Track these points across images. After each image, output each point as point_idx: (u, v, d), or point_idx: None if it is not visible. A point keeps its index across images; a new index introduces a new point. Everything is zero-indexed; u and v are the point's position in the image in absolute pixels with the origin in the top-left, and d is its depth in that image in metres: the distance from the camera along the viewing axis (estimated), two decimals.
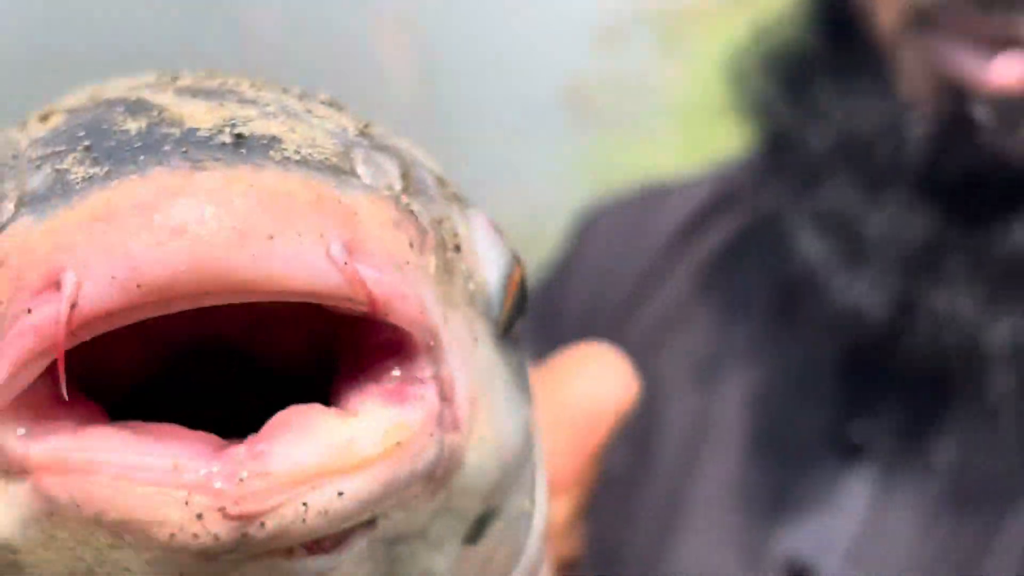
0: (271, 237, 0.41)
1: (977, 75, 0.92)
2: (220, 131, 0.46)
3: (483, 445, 0.48)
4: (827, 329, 1.12)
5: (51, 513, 0.44)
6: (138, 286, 0.40)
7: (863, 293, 1.00)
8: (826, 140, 1.00)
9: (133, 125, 0.46)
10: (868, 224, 0.99)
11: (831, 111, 1.00)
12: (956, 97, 0.94)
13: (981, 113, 0.92)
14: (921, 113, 0.96)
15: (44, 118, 0.51)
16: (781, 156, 1.04)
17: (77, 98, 0.53)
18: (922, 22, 0.94)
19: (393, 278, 0.44)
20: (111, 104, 0.49)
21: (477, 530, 0.50)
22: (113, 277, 0.40)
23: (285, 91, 0.52)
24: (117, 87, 0.53)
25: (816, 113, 1.01)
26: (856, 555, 1.19)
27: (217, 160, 0.43)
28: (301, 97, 0.52)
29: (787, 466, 1.24)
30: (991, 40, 0.91)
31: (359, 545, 0.45)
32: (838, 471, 1.23)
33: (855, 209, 0.99)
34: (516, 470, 0.50)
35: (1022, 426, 1.10)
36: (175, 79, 0.53)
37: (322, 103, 0.52)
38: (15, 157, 0.48)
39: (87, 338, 0.42)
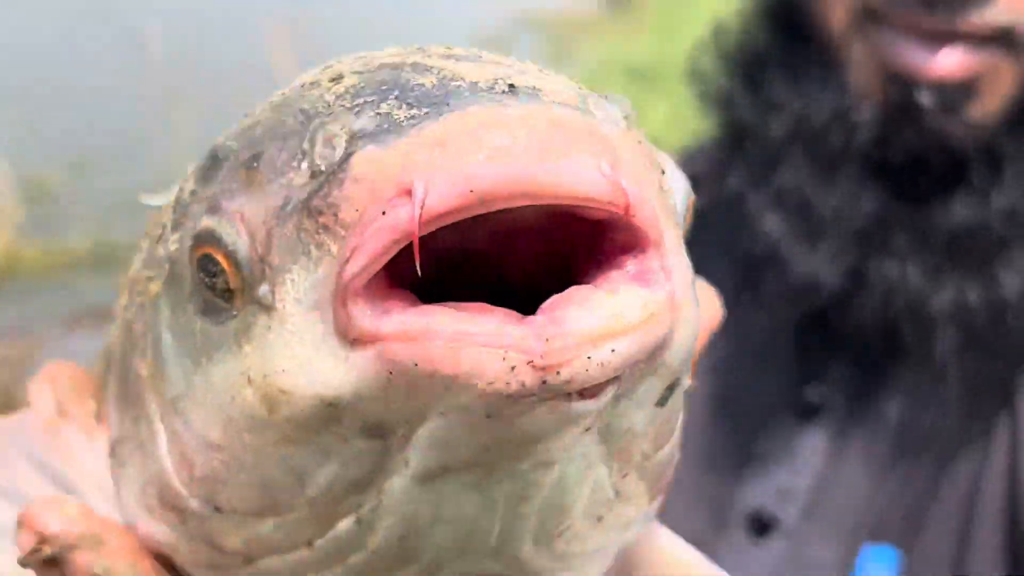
0: (562, 157, 0.57)
1: (921, 66, 1.03)
2: (495, 83, 0.61)
3: (685, 326, 0.62)
4: (785, 299, 1.21)
5: (391, 373, 0.58)
6: (471, 191, 0.56)
7: (819, 264, 1.11)
8: (783, 128, 1.09)
9: (426, 80, 0.61)
10: (823, 203, 1.09)
11: (787, 102, 1.09)
12: (902, 86, 1.05)
13: (925, 99, 1.03)
14: (870, 101, 1.06)
15: (335, 79, 0.66)
16: (741, 143, 1.13)
17: (352, 65, 0.68)
18: (870, 19, 1.05)
19: (640, 189, 0.59)
20: (395, 67, 0.64)
21: (665, 396, 0.64)
22: (453, 185, 0.56)
23: (509, 59, 0.68)
24: (385, 56, 0.68)
25: (773, 104, 1.10)
26: (814, 506, 1.27)
27: (506, 103, 0.59)
28: (521, 63, 0.67)
29: (749, 427, 1.33)
30: (934, 34, 1.02)
31: (608, 395, 0.58)
32: (796, 430, 1.33)
33: (811, 189, 1.08)
34: (693, 351, 0.65)
35: (964, 383, 1.18)
36: (425, 50, 0.67)
37: (536, 68, 0.67)
38: (328, 107, 0.63)
39: (426, 232, 0.56)
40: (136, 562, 0.69)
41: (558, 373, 0.56)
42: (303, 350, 0.60)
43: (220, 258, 0.63)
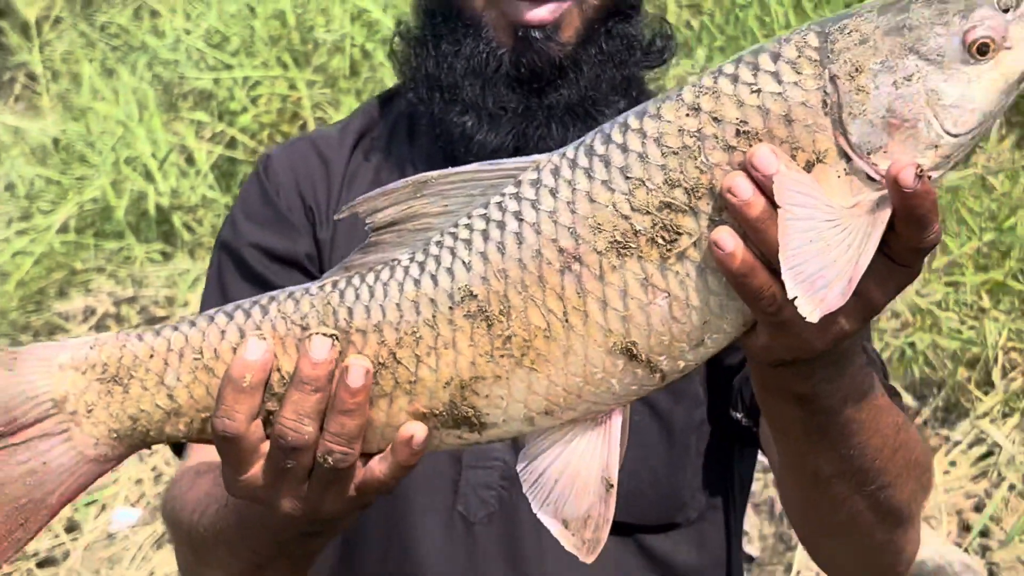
0: None
1: (532, 17, 1.61)
2: None
3: None
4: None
5: None
6: None
7: (502, 138, 1.64)
8: (459, 69, 1.66)
9: None
10: (492, 104, 1.65)
11: (455, 53, 1.65)
12: (521, 31, 1.62)
13: (537, 35, 1.62)
14: (504, 45, 1.63)
15: None
16: (427, 85, 1.70)
17: None
18: None
19: None
20: None
21: None
22: None
23: None
24: None
25: (447, 56, 1.66)
26: None
27: None
28: None
29: None
30: None
31: None
32: None
33: (483, 99, 1.65)
34: None
35: None
36: None
37: None
38: None
39: None
40: None
41: None
42: None
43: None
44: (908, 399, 4.22)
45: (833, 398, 1.21)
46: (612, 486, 1.15)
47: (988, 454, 4.16)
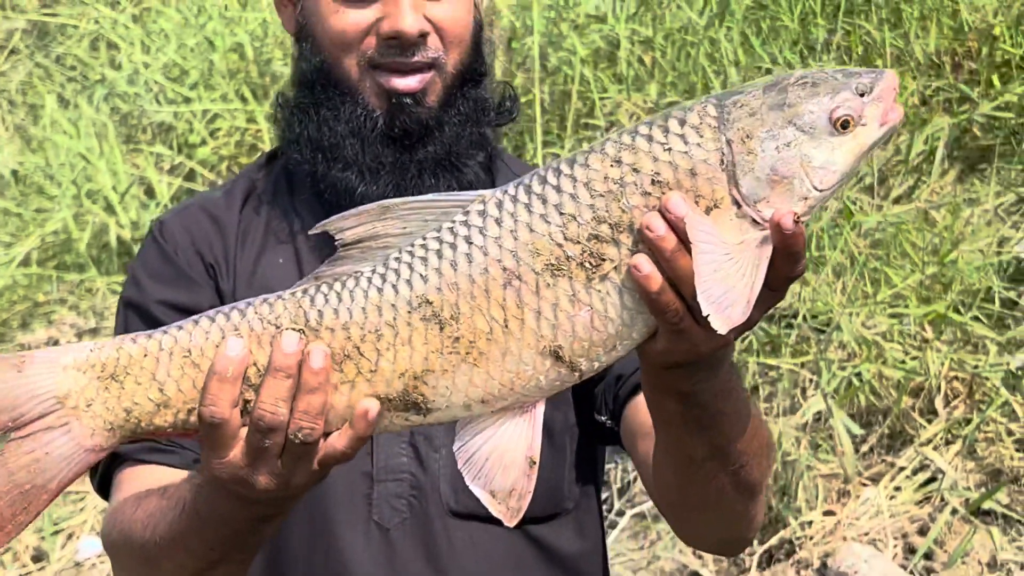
0: None
1: (401, 86, 1.83)
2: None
3: None
4: None
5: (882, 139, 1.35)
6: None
7: (382, 189, 1.83)
8: (336, 131, 1.85)
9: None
10: (370, 160, 1.84)
11: (332, 119, 1.84)
12: (394, 97, 1.83)
13: (407, 101, 1.86)
14: (379, 110, 1.83)
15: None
16: (303, 147, 1.89)
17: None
18: (371, 66, 1.84)
19: None
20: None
21: None
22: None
23: None
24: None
25: (324, 122, 1.86)
26: None
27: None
28: None
29: None
30: (404, 69, 1.83)
31: None
32: None
33: (360, 155, 1.83)
34: None
35: None
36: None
37: None
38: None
39: None
40: None
41: None
42: None
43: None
44: (855, 427, 4.34)
45: (708, 394, 1.49)
46: (535, 463, 1.39)
47: (931, 480, 4.29)
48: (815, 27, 6.27)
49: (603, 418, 1.89)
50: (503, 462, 1.37)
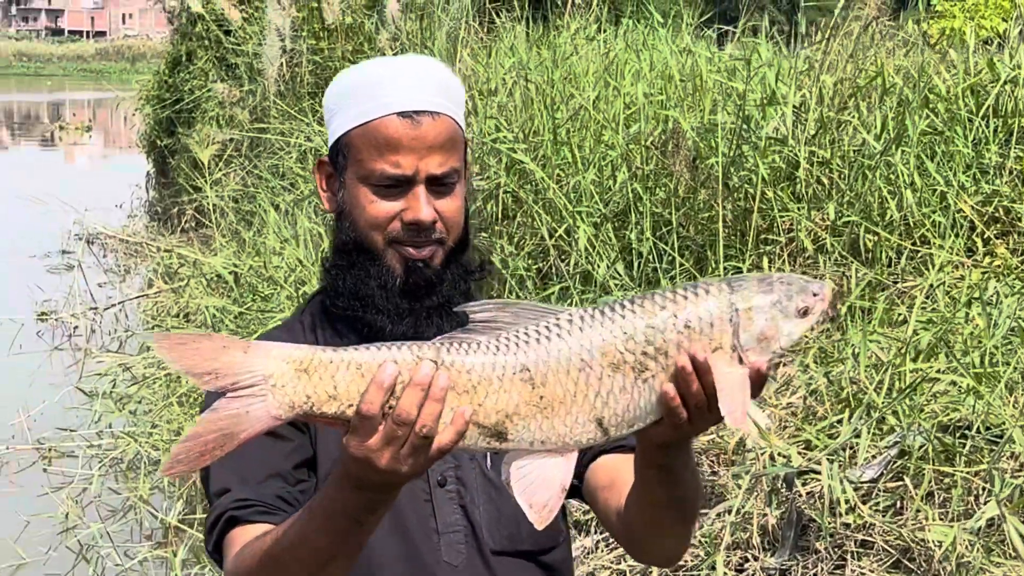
0: None
1: (417, 256, 2.33)
2: None
3: None
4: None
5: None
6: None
7: (400, 328, 2.35)
8: (368, 286, 2.36)
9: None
10: (392, 307, 2.35)
11: (365, 276, 2.36)
12: (410, 263, 2.34)
13: (420, 266, 2.34)
14: (398, 271, 2.35)
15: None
16: (346, 297, 2.39)
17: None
18: (394, 241, 2.33)
19: None
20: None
21: None
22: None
23: None
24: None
25: (359, 278, 2.37)
26: None
27: None
28: None
29: None
30: (419, 244, 2.33)
31: None
32: None
33: (386, 303, 2.34)
34: None
35: None
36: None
37: None
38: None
39: None
40: None
41: None
42: None
43: None
44: None
45: (679, 464, 2.10)
46: (565, 490, 1.93)
47: None
48: (988, 152, 6.43)
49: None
50: (545, 484, 1.92)
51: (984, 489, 4.52)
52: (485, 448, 1.94)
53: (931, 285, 5.63)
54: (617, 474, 2.36)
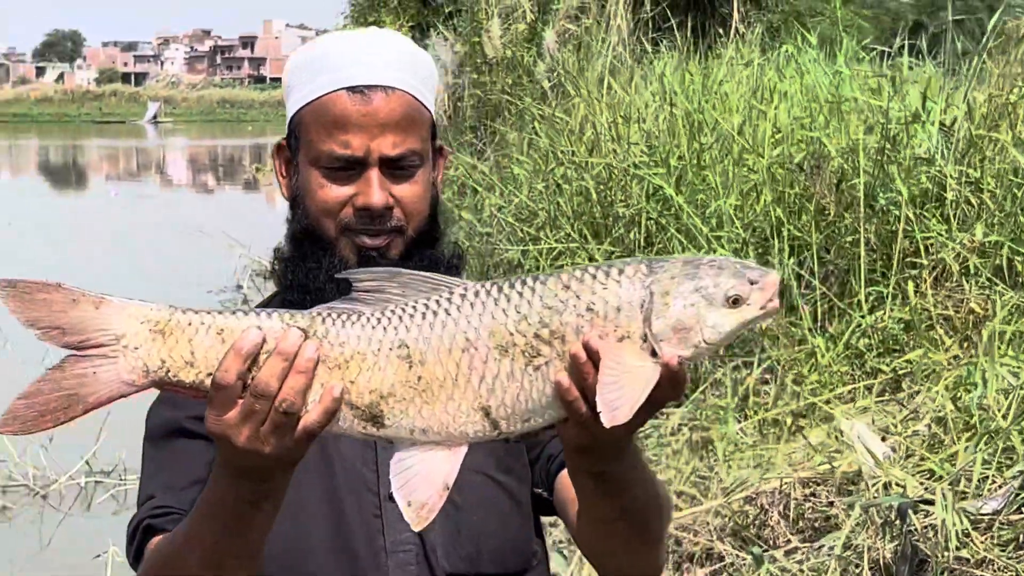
0: None
1: (372, 245, 2.11)
2: None
3: None
4: None
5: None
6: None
7: None
8: (318, 278, 2.13)
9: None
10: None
11: (316, 268, 2.14)
12: (364, 252, 2.12)
13: (373, 255, 2.11)
14: (351, 261, 2.11)
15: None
16: (299, 290, 2.16)
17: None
18: (347, 230, 2.13)
19: None
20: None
21: None
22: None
23: None
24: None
25: (310, 270, 2.15)
26: None
27: None
28: None
29: None
30: (375, 233, 2.12)
31: None
32: None
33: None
34: None
35: None
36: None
37: None
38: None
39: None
40: None
41: None
42: None
43: None
44: None
45: (617, 472, 1.85)
46: (447, 489, 1.71)
47: None
48: None
49: (540, 491, 2.25)
50: (427, 480, 1.71)
51: None
52: (362, 434, 1.74)
53: None
54: None
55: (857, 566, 4.20)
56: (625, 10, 10.67)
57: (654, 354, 1.68)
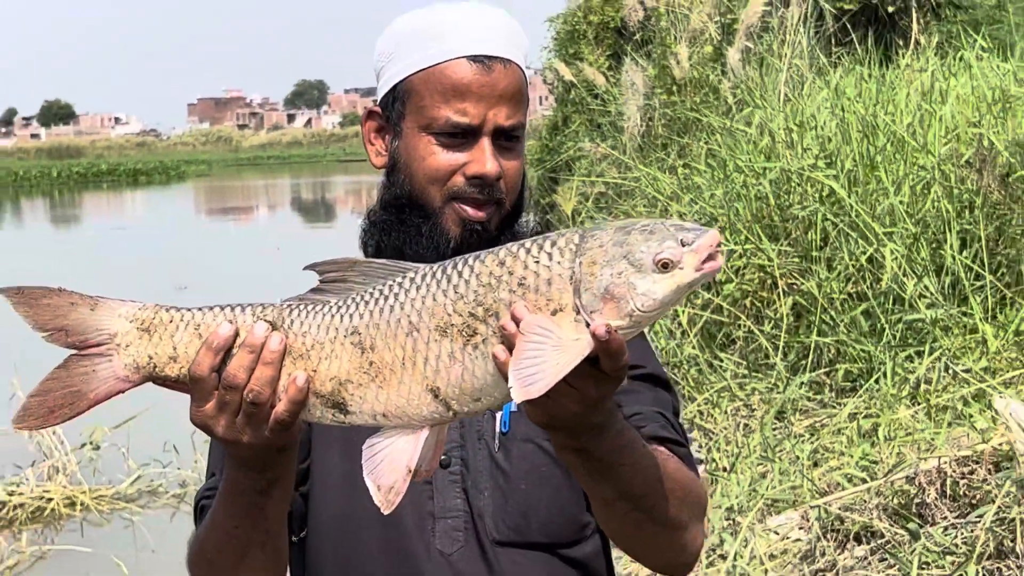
0: None
1: (475, 216, 2.04)
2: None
3: None
4: None
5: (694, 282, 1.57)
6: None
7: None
8: (419, 244, 2.04)
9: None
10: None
11: (416, 234, 2.05)
12: (468, 224, 2.04)
13: (479, 227, 2.03)
14: (453, 232, 2.04)
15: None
16: (387, 255, 1.97)
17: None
18: (451, 197, 2.03)
19: None
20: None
21: None
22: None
23: None
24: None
25: (409, 235, 2.06)
26: None
27: None
28: None
29: None
30: (477, 203, 2.03)
31: None
32: None
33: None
34: None
35: None
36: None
37: None
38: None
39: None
40: None
41: None
42: None
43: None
44: None
45: (601, 451, 1.71)
46: (411, 472, 1.66)
47: None
48: None
49: None
50: (391, 465, 1.66)
51: None
52: (332, 422, 1.71)
53: None
54: None
55: (1012, 540, 4.06)
56: (807, 27, 10.49)
57: (587, 326, 1.57)
